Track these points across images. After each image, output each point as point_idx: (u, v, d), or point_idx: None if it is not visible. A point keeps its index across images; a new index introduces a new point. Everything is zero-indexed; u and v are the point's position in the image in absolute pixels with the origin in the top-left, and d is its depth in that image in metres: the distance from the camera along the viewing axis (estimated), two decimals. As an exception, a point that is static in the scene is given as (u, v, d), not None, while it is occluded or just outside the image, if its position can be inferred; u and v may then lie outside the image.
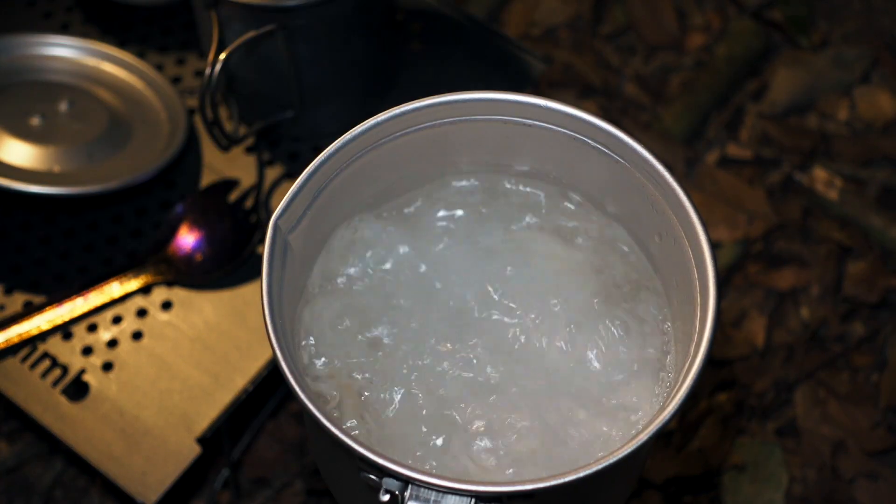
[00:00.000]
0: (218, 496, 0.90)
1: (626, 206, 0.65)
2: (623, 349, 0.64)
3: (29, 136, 0.88)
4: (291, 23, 0.82)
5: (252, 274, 0.87)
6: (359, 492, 0.58)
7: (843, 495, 0.91)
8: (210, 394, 0.82)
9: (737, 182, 1.05)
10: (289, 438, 0.92)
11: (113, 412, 0.81)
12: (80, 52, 0.95)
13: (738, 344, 0.97)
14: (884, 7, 1.16)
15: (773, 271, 1.00)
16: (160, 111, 0.93)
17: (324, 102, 0.90)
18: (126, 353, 0.84)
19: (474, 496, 0.52)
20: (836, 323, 0.98)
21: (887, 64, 1.12)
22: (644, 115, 1.09)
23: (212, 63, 0.81)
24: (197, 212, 0.87)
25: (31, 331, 0.83)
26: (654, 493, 0.90)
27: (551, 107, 0.63)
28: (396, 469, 0.52)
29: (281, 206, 0.59)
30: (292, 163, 0.92)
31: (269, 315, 0.56)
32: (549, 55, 1.10)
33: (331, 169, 0.62)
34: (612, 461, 0.52)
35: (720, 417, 0.93)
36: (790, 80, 1.11)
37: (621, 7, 1.16)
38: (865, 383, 0.95)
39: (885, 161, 1.07)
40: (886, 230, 1.02)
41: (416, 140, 0.64)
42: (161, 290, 0.86)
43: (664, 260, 0.64)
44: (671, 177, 0.60)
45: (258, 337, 0.84)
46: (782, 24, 1.14)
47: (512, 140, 0.65)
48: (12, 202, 0.91)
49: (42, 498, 0.90)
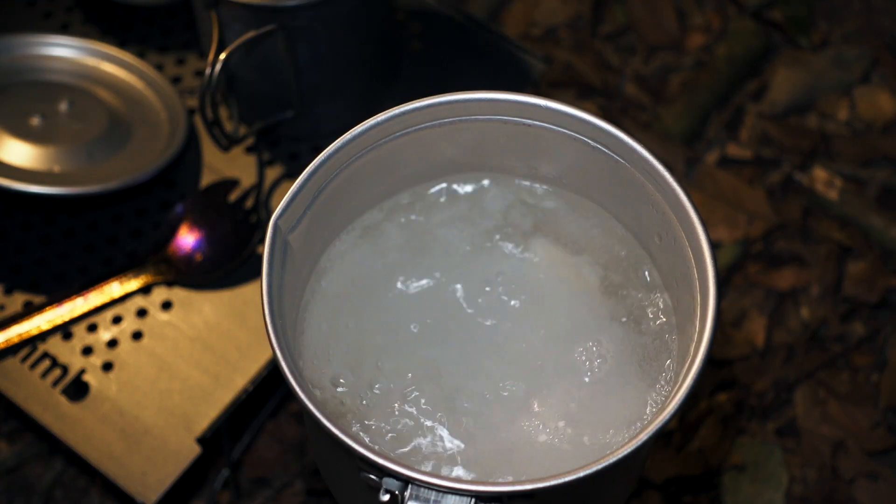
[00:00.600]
0: (218, 496, 0.90)
1: (626, 206, 0.65)
2: (623, 349, 0.64)
3: (29, 136, 0.88)
4: (291, 23, 0.82)
5: (252, 274, 0.87)
6: (359, 492, 0.58)
7: (843, 495, 0.91)
8: (210, 394, 0.82)
9: (737, 182, 1.05)
10: (289, 438, 0.92)
11: (113, 412, 0.81)
12: (80, 52, 0.95)
13: (738, 344, 0.97)
14: (884, 7, 1.16)
15: (773, 271, 1.00)
16: (160, 111, 0.93)
17: (324, 102, 0.90)
18: (126, 353, 0.84)
19: (474, 496, 0.52)
20: (836, 323, 0.98)
21: (887, 64, 1.12)
22: (644, 115, 1.09)
23: (212, 63, 0.81)
24: (197, 212, 0.87)
25: (31, 331, 0.83)
26: (654, 493, 0.90)
27: (551, 107, 0.63)
28: (396, 469, 0.52)
29: (281, 206, 0.59)
30: (292, 163, 0.92)
31: (269, 315, 0.56)
32: (549, 55, 1.10)
33: (331, 169, 0.62)
34: (612, 461, 0.52)
35: (720, 417, 0.93)
36: (790, 80, 1.11)
37: (621, 7, 1.16)
38: (865, 383, 0.95)
39: (885, 161, 1.07)
40: (886, 230, 1.02)
41: (416, 140, 0.64)
42: (161, 290, 0.86)
43: (664, 260, 0.64)
44: (671, 177, 0.60)
45: (258, 337, 0.84)
46: (782, 24, 1.14)
47: (512, 140, 0.65)
48: (12, 202, 0.91)
49: (42, 498, 0.90)
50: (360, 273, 0.66)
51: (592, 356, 0.64)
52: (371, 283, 0.66)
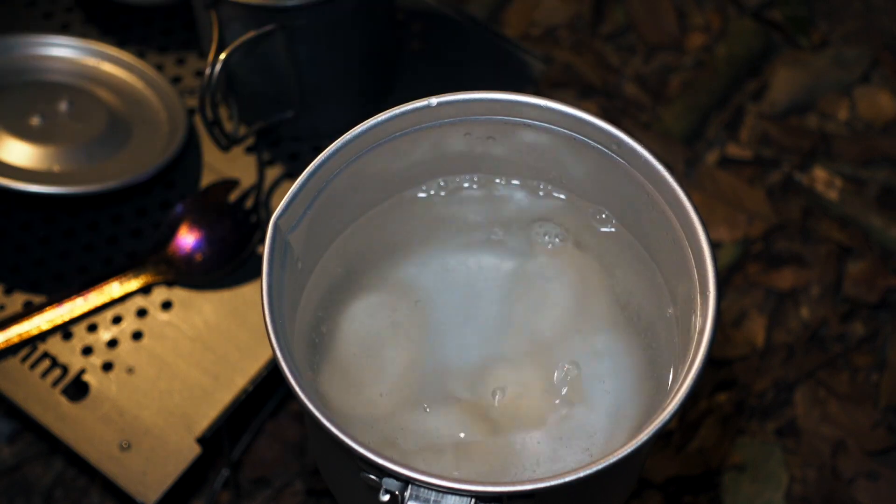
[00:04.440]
0: (218, 496, 0.90)
1: (626, 206, 0.65)
2: (622, 348, 0.64)
3: (29, 136, 0.88)
4: (291, 23, 0.82)
5: (252, 274, 0.87)
6: (359, 492, 0.58)
7: (843, 495, 0.91)
8: (210, 394, 0.82)
9: (737, 182, 1.05)
10: (289, 438, 0.92)
11: (113, 412, 0.81)
12: (80, 52, 0.95)
13: (738, 344, 0.97)
14: (884, 7, 1.16)
15: (773, 271, 1.00)
16: (160, 111, 0.93)
17: (324, 102, 0.90)
18: (126, 353, 0.84)
19: (474, 496, 0.52)
20: (836, 323, 0.98)
21: (887, 64, 1.12)
22: (644, 115, 1.09)
23: (212, 63, 0.81)
24: (197, 212, 0.87)
25: (31, 331, 0.83)
26: (654, 493, 0.90)
27: (551, 107, 0.63)
28: (396, 469, 0.52)
29: (281, 206, 0.59)
30: (292, 163, 0.92)
31: (269, 315, 0.56)
32: (549, 55, 1.10)
33: (331, 169, 0.62)
34: (612, 461, 0.52)
35: (720, 417, 0.93)
36: (790, 80, 1.11)
37: (621, 7, 1.16)
38: (865, 383, 0.95)
39: (885, 161, 1.07)
40: (886, 230, 1.02)
41: (416, 140, 0.64)
42: (161, 290, 0.86)
43: (664, 260, 0.64)
44: (671, 177, 0.60)
45: (258, 337, 0.84)
46: (782, 24, 1.14)
47: (512, 140, 0.65)
48: (12, 202, 0.91)
49: (42, 498, 0.90)
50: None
51: (592, 355, 0.64)
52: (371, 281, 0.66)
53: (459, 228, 0.68)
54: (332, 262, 0.66)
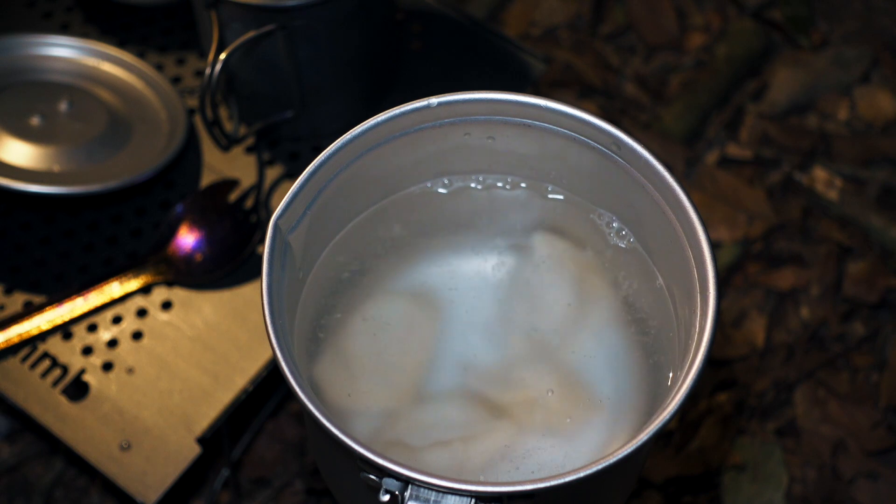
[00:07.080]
0: (218, 496, 0.90)
1: (627, 206, 0.65)
2: (623, 348, 0.64)
3: (29, 135, 0.88)
4: (291, 23, 0.82)
5: (252, 274, 0.87)
6: (359, 492, 0.58)
7: (843, 495, 0.91)
8: (210, 394, 0.82)
9: (737, 182, 1.05)
10: (289, 438, 0.92)
11: (113, 412, 0.81)
12: (80, 52, 0.95)
13: (738, 344, 0.97)
14: (884, 7, 1.16)
15: (773, 271, 1.00)
16: (160, 111, 0.93)
17: (324, 102, 0.90)
18: (126, 353, 0.84)
19: (474, 496, 0.52)
20: (836, 323, 0.98)
21: (887, 64, 1.12)
22: (644, 115, 1.09)
23: (212, 63, 0.81)
24: (197, 212, 0.87)
25: (31, 331, 0.83)
26: (654, 493, 0.90)
27: (551, 107, 0.63)
28: (396, 469, 0.52)
29: (281, 206, 0.59)
30: (292, 163, 0.92)
31: (269, 315, 0.56)
32: (549, 55, 1.10)
33: (331, 169, 0.62)
34: (612, 461, 0.52)
35: (720, 417, 0.93)
36: (790, 80, 1.11)
37: (621, 7, 1.16)
38: (865, 383, 0.95)
39: (885, 161, 1.07)
40: (886, 230, 1.02)
41: (416, 140, 0.64)
42: (161, 290, 0.86)
43: (664, 260, 0.64)
44: (671, 177, 0.60)
45: (258, 337, 0.84)
46: (782, 24, 1.14)
47: (512, 139, 0.65)
48: (12, 202, 0.91)
49: (42, 498, 0.90)
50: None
51: (593, 354, 0.64)
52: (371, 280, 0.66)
53: (459, 228, 0.68)
54: (332, 262, 0.66)
